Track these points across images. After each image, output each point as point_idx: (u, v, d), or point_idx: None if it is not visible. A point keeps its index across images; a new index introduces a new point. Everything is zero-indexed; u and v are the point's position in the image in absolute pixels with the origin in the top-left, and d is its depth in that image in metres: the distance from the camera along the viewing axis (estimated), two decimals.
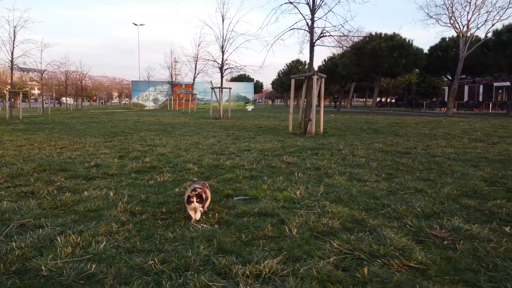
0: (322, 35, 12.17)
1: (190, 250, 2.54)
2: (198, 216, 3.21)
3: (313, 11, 11.94)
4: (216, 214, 3.35)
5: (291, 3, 12.05)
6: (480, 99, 38.32)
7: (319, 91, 12.32)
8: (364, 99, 76.17)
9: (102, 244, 2.68)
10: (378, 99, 71.82)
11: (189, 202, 3.15)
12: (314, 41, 12.21)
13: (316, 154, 7.14)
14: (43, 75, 37.99)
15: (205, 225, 3.08)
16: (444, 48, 30.19)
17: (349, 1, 11.78)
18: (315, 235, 2.83)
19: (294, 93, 13.29)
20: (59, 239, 2.77)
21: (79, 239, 2.76)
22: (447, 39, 30.28)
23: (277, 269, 2.23)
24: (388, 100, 68.26)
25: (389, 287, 2.07)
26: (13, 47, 23.68)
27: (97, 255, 2.50)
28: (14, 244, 2.69)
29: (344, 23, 11.98)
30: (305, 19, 12.05)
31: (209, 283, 2.07)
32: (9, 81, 71.70)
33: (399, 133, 11.43)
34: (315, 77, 11.71)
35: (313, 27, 12.11)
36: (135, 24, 58.65)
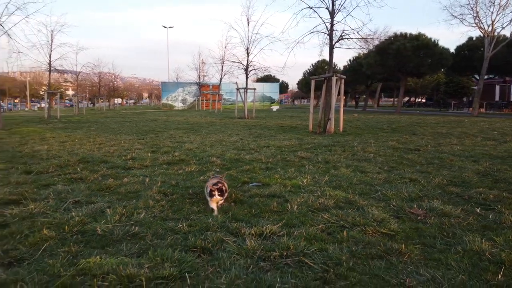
0: (341, 37, 12.68)
1: (211, 219, 3.24)
2: (217, 210, 3.45)
3: (332, 15, 12.46)
4: (233, 195, 4.04)
5: (311, 8, 12.62)
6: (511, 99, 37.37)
7: (339, 91, 12.84)
8: (392, 99, 75.27)
9: (142, 214, 3.42)
10: (406, 99, 70.97)
11: (212, 195, 3.38)
12: (333, 43, 12.73)
13: (329, 150, 7.72)
14: (78, 76, 39.90)
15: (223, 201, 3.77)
16: (471, 47, 29.79)
17: (368, 5, 12.11)
18: (311, 211, 3.47)
19: (315, 94, 13.84)
20: (108, 210, 3.53)
21: (123, 210, 3.51)
22: (474, 39, 29.85)
23: (275, 231, 2.90)
24: (417, 100, 67.24)
25: (361, 245, 2.69)
26: (51, 50, 25.30)
27: (139, 222, 3.24)
28: (73, 213, 3.46)
29: (362, 26, 12.38)
30: (324, 23, 12.60)
31: (223, 238, 2.76)
32: (45, 82, 75.09)
33: (416, 132, 11.79)
34: (334, 78, 12.23)
35: (333, 30, 12.63)
36: (165, 27, 60.49)
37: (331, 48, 12.86)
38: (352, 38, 12.92)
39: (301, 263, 2.39)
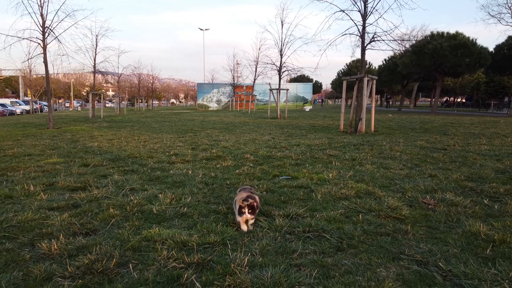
0: (372, 39, 12.94)
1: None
2: (249, 227, 3.10)
3: (364, 17, 12.75)
4: (265, 185, 4.59)
5: (343, 11, 12.96)
6: None
7: (371, 92, 13.12)
8: (430, 99, 73.27)
9: (188, 199, 4.04)
10: (444, 99, 68.88)
11: (241, 213, 3.02)
12: (365, 45, 13.01)
13: (357, 149, 8.11)
14: (120, 78, 41.85)
15: (257, 193, 4.34)
16: (511, 46, 28.78)
17: (400, 7, 12.33)
18: (333, 199, 3.97)
19: (349, 94, 14.13)
20: (160, 195, 4.18)
21: (173, 196, 4.14)
22: None
23: (300, 213, 3.43)
24: (456, 100, 65.19)
25: (373, 225, 3.17)
26: (95, 54, 26.89)
27: (186, 204, 3.86)
28: (131, 197, 4.13)
29: (394, 28, 12.59)
30: (356, 25, 12.91)
31: (256, 217, 3.32)
32: (87, 83, 78.39)
33: (447, 132, 11.88)
34: (365, 79, 12.53)
35: (364, 33, 12.91)
36: (201, 29, 62.03)
37: (363, 50, 13.15)
38: (384, 40, 13.15)
39: (320, 237, 2.91)
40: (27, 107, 43.05)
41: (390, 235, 2.95)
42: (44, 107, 52.49)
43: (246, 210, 3.00)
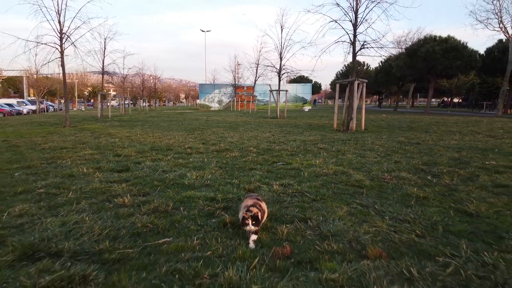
0: (363, 47, 14.34)
1: (252, 177, 5.22)
2: (254, 239, 2.88)
3: (355, 27, 14.16)
4: (266, 168, 6.00)
5: (336, 21, 14.37)
6: None
7: (361, 94, 14.54)
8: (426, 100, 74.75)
9: (209, 176, 5.44)
10: (441, 100, 70.34)
11: (244, 224, 2.85)
12: (356, 52, 14.42)
13: (345, 143, 9.51)
14: (125, 79, 43.29)
15: (259, 172, 5.74)
16: (502, 49, 30.19)
17: (388, 17, 13.74)
18: (315, 176, 5.38)
19: (343, 95, 15.50)
20: (188, 174, 5.58)
21: (197, 174, 5.54)
22: (504, 41, 30.21)
23: (291, 183, 4.84)
24: (454, 100, 66.63)
25: (340, 190, 4.57)
26: (104, 56, 28.27)
27: (208, 179, 5.25)
28: (166, 175, 5.53)
29: (381, 37, 14.01)
30: (348, 34, 14.33)
31: (260, 185, 4.73)
32: (88, 84, 79.30)
33: (429, 130, 13.29)
34: (356, 82, 13.96)
35: (355, 41, 14.32)
36: (203, 31, 63.53)
37: (354, 56, 14.56)
38: (373, 47, 14.54)
39: (303, 195, 4.32)
40: (33, 107, 44.26)
41: (350, 194, 4.36)
42: (50, 107, 53.88)
43: (250, 222, 2.82)
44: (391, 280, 2.27)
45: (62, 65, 17.67)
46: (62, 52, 17.17)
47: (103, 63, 28.55)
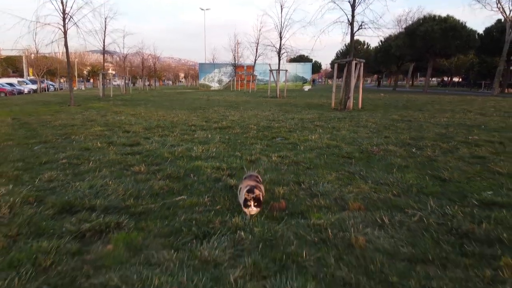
0: (360, 27, 14.66)
1: (253, 151, 5.75)
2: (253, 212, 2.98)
3: (353, 7, 14.43)
4: (265, 143, 6.52)
5: (334, 1, 14.64)
6: None
7: (359, 73, 14.93)
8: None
9: (214, 149, 5.97)
10: (440, 79, 70.43)
11: (246, 205, 2.91)
12: (353, 32, 14.74)
13: (340, 121, 10.01)
14: (125, 58, 43.37)
15: (259, 146, 6.27)
16: (500, 29, 30.28)
17: None
18: (310, 149, 5.91)
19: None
20: (194, 148, 6.10)
21: (202, 148, 6.06)
22: (502, 21, 30.27)
23: (288, 155, 5.37)
24: (454, 80, 66.71)
25: (332, 160, 5.10)
26: (105, 35, 28.41)
27: (213, 152, 5.77)
28: (175, 148, 6.05)
29: (379, 18, 14.25)
30: (346, 14, 14.61)
31: (260, 157, 5.26)
32: (87, 63, 78.72)
33: (423, 109, 13.77)
34: (353, 62, 14.33)
35: (353, 21, 14.62)
36: (202, 9, 63.00)
37: (352, 36, 14.89)
38: (370, 28, 14.86)
39: (298, 164, 4.86)
40: (34, 87, 44.35)
41: (340, 164, 4.90)
42: (50, 86, 53.98)
43: (252, 204, 2.90)
44: (366, 225, 2.82)
45: (66, 45, 17.96)
46: (65, 32, 17.44)
47: (104, 42, 28.73)
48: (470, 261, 2.25)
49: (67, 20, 17.42)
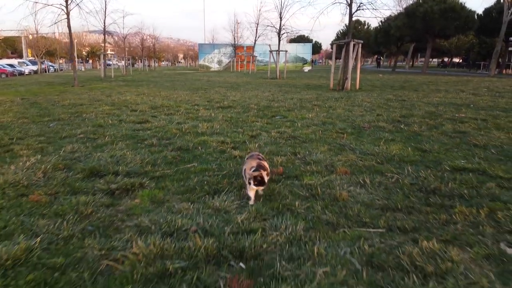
0: (359, 8, 14.94)
1: (254, 127, 6.25)
2: (258, 194, 3.07)
3: None
4: (266, 120, 7.01)
5: None
6: None
7: (357, 54, 15.28)
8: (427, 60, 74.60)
9: (218, 126, 6.46)
10: (441, 60, 70.27)
11: (250, 183, 2.92)
12: (352, 13, 15.02)
13: (337, 100, 10.47)
14: (125, 38, 43.40)
15: (260, 123, 6.76)
16: (499, 10, 30.27)
17: None
18: (307, 125, 6.41)
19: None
20: (199, 125, 6.59)
21: (207, 125, 6.56)
22: (502, 1, 30.26)
23: (286, 131, 5.88)
24: (455, 60, 66.63)
25: (326, 135, 5.60)
26: (105, 16, 28.49)
27: (217, 129, 6.27)
28: (182, 125, 6.54)
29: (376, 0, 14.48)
30: None
31: (261, 132, 5.76)
32: (86, 44, 78.10)
33: (418, 89, 14.19)
34: (351, 43, 14.66)
35: (352, 2, 14.88)
36: None
37: (350, 17, 15.17)
38: (368, 9, 15.14)
39: (295, 139, 5.36)
40: (34, 68, 44.42)
41: (333, 138, 5.41)
42: (50, 67, 53.97)
43: (256, 182, 2.91)
44: (350, 185, 3.34)
45: (69, 26, 18.22)
46: (68, 14, 17.68)
47: (104, 23, 28.83)
48: (432, 209, 2.78)
49: (69, 1, 17.66)
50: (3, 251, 2.14)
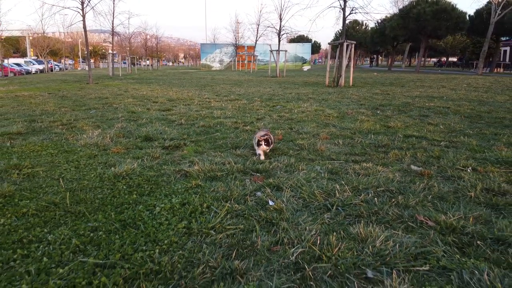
0: (351, 12, 16.46)
1: (259, 113, 7.77)
2: (263, 156, 4.11)
3: None
4: (268, 109, 8.53)
5: None
6: None
7: (350, 54, 16.80)
8: (424, 59, 76.20)
9: (230, 112, 7.97)
10: (437, 59, 71.89)
11: (259, 144, 4.07)
12: (345, 17, 16.54)
13: (330, 94, 11.98)
14: (131, 38, 44.90)
15: (263, 111, 8.27)
16: (489, 11, 31.77)
17: None
18: (301, 112, 7.93)
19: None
20: (214, 112, 8.10)
21: (221, 112, 8.07)
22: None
23: (285, 116, 7.41)
24: (452, 60, 68.21)
25: (315, 119, 7.11)
26: (113, 17, 29.96)
27: (229, 114, 7.77)
28: (199, 112, 8.04)
29: (367, 4, 16.03)
30: (339, 0, 16.39)
31: (264, 116, 7.27)
32: (89, 43, 79.37)
33: (405, 86, 15.71)
34: (345, 44, 16.19)
35: (345, 6, 16.40)
36: None
37: (344, 20, 16.70)
38: (360, 13, 16.66)
39: (291, 120, 6.88)
40: (41, 67, 45.73)
41: (321, 120, 6.92)
42: (56, 66, 55.39)
43: (263, 143, 4.04)
44: (327, 144, 4.86)
45: (84, 28, 19.72)
46: (84, 16, 19.18)
47: (112, 24, 30.33)
48: (377, 154, 4.31)
49: (85, 5, 19.15)
50: (122, 168, 3.66)
